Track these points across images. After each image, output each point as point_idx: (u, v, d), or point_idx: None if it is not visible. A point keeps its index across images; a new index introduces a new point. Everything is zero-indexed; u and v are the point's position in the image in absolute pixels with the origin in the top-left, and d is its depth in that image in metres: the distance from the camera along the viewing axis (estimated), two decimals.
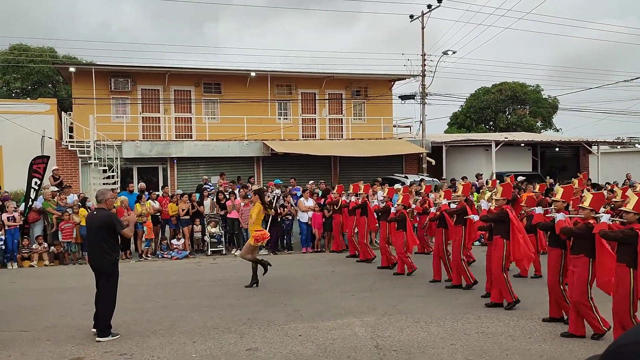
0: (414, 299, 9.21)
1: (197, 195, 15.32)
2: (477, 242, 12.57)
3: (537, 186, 14.49)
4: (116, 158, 19.73)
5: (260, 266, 10.38)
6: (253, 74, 22.98)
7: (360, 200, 13.29)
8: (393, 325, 7.59)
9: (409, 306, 8.68)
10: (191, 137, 22.81)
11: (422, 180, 19.39)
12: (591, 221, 6.87)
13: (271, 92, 23.56)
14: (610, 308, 6.57)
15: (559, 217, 7.36)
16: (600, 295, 7.03)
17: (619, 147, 33.48)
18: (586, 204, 6.99)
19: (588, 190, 10.49)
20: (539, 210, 8.45)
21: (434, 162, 24.30)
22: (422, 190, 14.96)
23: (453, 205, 10.46)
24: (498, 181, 14.06)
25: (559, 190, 7.87)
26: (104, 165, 19.57)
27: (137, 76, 22.29)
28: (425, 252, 13.64)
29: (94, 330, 7.22)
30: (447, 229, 10.40)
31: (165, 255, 14.17)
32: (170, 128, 22.65)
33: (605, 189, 15.43)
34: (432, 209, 11.81)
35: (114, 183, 18.66)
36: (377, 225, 13.01)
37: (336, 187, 14.67)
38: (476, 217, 9.46)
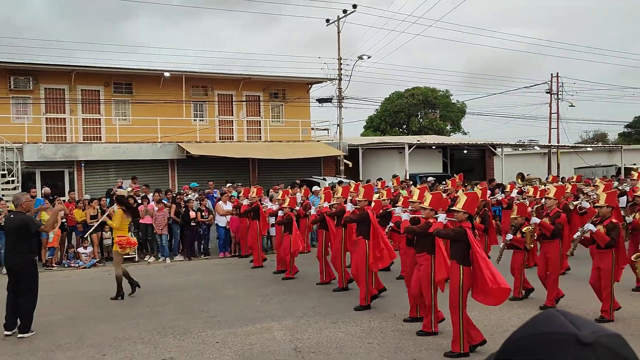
0: (333, 299, 9.29)
1: (107, 200, 14.61)
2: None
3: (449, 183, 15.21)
4: (16, 162, 18.41)
5: (128, 281, 9.86)
6: (167, 74, 22.29)
7: (252, 204, 13.01)
8: (312, 326, 7.62)
9: (328, 307, 8.74)
10: (100, 139, 21.74)
11: (340, 182, 19.65)
12: (431, 220, 7.10)
13: (186, 93, 22.97)
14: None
15: (404, 216, 7.68)
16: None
17: (520, 149, 35.72)
18: (426, 203, 7.25)
19: (463, 191, 11.06)
20: (401, 213, 8.09)
21: (351, 164, 24.74)
22: (301, 193, 14.75)
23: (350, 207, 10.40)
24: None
25: (415, 191, 7.95)
26: (3, 170, 18.20)
27: (40, 74, 20.93)
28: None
29: (7, 333, 7.33)
30: (327, 231, 10.24)
31: (72, 265, 13.39)
32: (77, 130, 21.45)
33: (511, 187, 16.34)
34: (312, 211, 11.60)
35: (14, 188, 17.41)
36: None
37: (242, 190, 14.09)
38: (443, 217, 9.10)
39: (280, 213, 11.96)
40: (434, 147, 27.45)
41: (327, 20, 25.59)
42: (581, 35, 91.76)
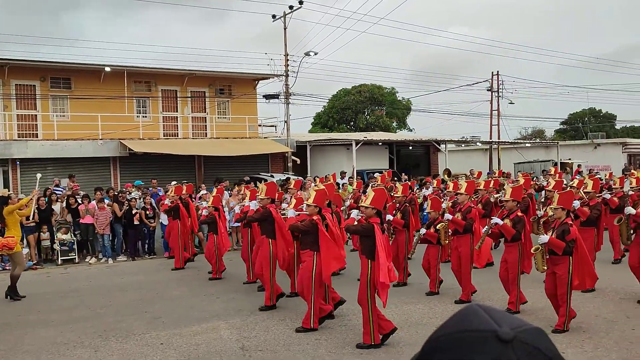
0: (280, 298, 9.24)
1: (46, 200, 13.99)
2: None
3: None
4: None
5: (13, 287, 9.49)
6: (108, 68, 21.59)
7: (173, 203, 12.38)
8: (259, 325, 7.56)
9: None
10: (37, 137, 20.83)
11: (288, 179, 19.61)
12: (315, 217, 7.17)
13: (128, 89, 22.31)
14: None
15: (290, 213, 7.78)
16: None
17: (463, 145, 36.72)
18: (310, 201, 7.40)
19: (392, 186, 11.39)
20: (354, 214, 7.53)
21: (299, 161, 24.73)
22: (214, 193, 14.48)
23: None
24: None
25: (312, 193, 7.82)
26: None
27: None
28: None
29: None
30: (252, 230, 10.10)
31: (7, 267, 12.75)
32: (11, 126, 20.47)
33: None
34: (236, 209, 11.33)
35: None
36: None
37: (172, 189, 13.14)
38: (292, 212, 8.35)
39: (204, 212, 11.49)
40: (380, 144, 27.82)
41: (274, 16, 25.43)
42: (524, 35, 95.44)
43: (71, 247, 13.53)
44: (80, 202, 14.03)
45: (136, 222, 13.86)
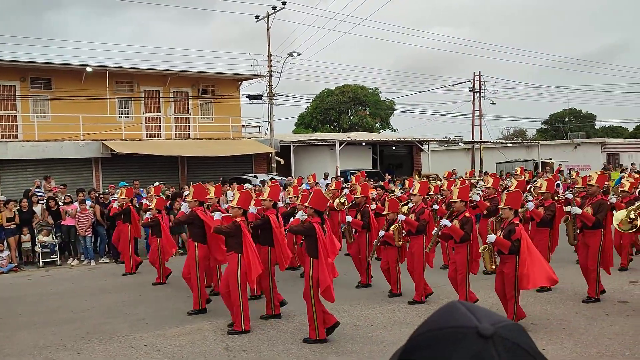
0: (264, 298, 9.24)
1: (28, 201, 13.81)
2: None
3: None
4: None
5: None
6: (89, 69, 21.38)
7: (123, 206, 12.01)
8: None
9: (260, 306, 8.68)
10: (17, 137, 20.55)
11: (271, 179, 19.60)
12: (239, 219, 7.31)
13: (110, 89, 22.11)
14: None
15: (216, 216, 7.80)
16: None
17: (445, 145, 37.03)
18: (234, 202, 7.50)
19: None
20: (299, 214, 7.64)
21: (282, 161, 24.73)
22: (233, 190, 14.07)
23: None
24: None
25: (236, 194, 7.92)
26: None
27: None
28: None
29: None
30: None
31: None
32: None
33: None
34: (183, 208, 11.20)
35: None
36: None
37: (122, 191, 12.44)
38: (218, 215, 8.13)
39: (147, 215, 11.07)
40: (364, 144, 27.93)
41: (257, 17, 25.40)
42: (507, 35, 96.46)
43: (52, 249, 13.38)
44: (61, 203, 13.88)
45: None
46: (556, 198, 10.14)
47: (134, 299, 9.46)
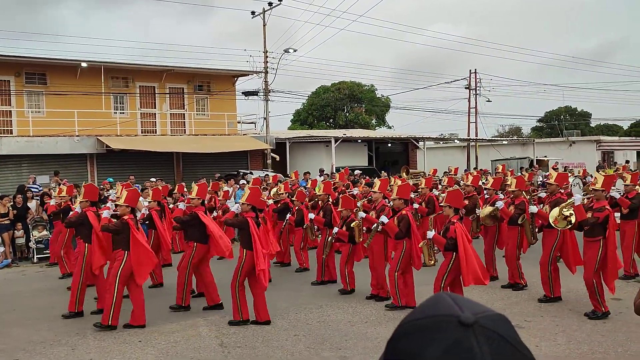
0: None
1: (22, 197, 13.75)
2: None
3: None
4: None
5: None
6: (84, 64, 21.28)
7: (62, 205, 11.21)
8: None
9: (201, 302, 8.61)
10: (12, 133, 20.46)
11: (266, 175, 19.58)
12: (126, 217, 7.41)
13: (105, 85, 22.03)
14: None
15: (105, 214, 7.74)
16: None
17: (441, 142, 37.09)
18: (121, 201, 7.60)
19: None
20: (234, 207, 7.98)
21: (278, 158, 24.71)
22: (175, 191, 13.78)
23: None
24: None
25: (123, 193, 7.87)
26: None
27: None
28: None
29: None
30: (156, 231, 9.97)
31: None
32: None
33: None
34: (146, 208, 10.74)
35: None
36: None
37: (61, 189, 11.65)
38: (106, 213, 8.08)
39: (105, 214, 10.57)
40: (359, 141, 27.93)
41: (253, 13, 25.34)
42: (506, 33, 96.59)
43: (47, 245, 13.34)
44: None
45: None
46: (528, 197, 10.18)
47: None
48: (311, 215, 9.85)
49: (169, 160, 22.55)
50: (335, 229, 8.94)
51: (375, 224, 8.13)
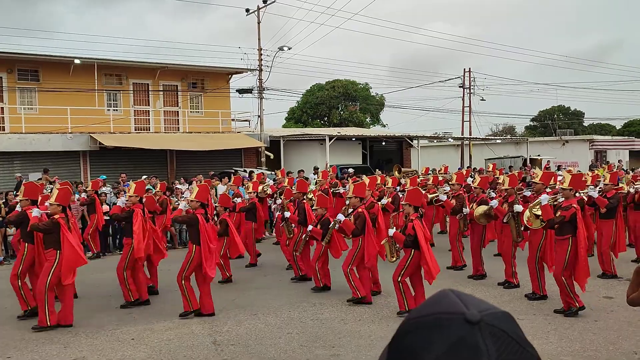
0: (253, 291, 9.26)
1: (14, 194, 13.65)
2: None
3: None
4: None
5: None
6: (77, 60, 21.15)
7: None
8: (231, 319, 7.57)
9: (248, 299, 8.72)
10: (4, 130, 20.33)
11: (262, 173, 19.53)
12: (57, 216, 7.48)
13: (98, 82, 21.91)
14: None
15: (34, 213, 7.69)
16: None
17: (435, 141, 37.15)
18: (52, 199, 7.65)
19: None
20: (181, 205, 8.47)
21: (272, 156, 24.67)
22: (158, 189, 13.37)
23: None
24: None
25: (54, 192, 7.90)
26: None
27: None
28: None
29: None
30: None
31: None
32: None
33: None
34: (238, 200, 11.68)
35: None
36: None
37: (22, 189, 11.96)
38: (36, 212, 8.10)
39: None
40: (354, 139, 27.93)
41: (247, 10, 25.28)
42: (502, 33, 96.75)
43: None
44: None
45: (106, 218, 13.66)
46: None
47: (121, 293, 9.37)
48: (287, 213, 9.95)
49: (162, 158, 22.47)
50: (310, 227, 8.98)
51: (333, 222, 8.42)
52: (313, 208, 9.44)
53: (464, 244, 10.88)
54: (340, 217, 8.23)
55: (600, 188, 10.36)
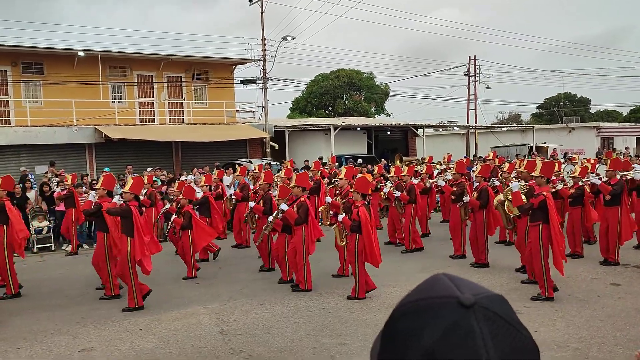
0: (260, 282, 9.29)
1: (22, 187, 13.73)
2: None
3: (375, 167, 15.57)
4: None
5: None
6: (81, 53, 21.14)
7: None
8: (238, 309, 7.60)
9: (255, 289, 8.74)
10: (9, 123, 20.38)
11: (268, 164, 19.56)
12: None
13: (103, 74, 21.91)
14: None
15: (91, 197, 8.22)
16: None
17: (440, 129, 36.99)
18: (126, 187, 8.14)
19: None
20: (115, 198, 8.44)
21: (277, 147, 24.65)
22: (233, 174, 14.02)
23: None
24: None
25: (201, 178, 8.32)
26: None
27: None
28: None
29: None
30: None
31: None
32: None
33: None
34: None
35: None
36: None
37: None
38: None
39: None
40: (358, 129, 27.85)
41: (250, 0, 25.16)
42: (508, 20, 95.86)
43: (47, 235, 13.36)
44: (55, 189, 13.82)
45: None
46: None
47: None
48: (251, 204, 9.88)
49: (167, 150, 22.50)
50: (270, 217, 8.90)
51: (276, 211, 8.62)
52: (276, 198, 9.33)
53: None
54: (283, 206, 8.41)
55: (599, 175, 10.34)
